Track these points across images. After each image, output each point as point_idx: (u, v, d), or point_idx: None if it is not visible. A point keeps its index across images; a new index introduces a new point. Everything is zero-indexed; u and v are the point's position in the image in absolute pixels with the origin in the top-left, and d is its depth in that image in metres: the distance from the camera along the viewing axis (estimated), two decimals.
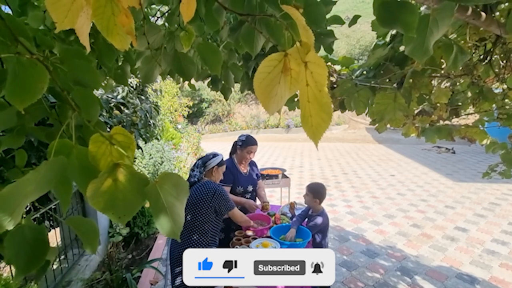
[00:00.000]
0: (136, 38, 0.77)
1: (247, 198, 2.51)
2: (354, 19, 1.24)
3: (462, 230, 4.10)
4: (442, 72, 1.55)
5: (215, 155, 2.03)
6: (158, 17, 1.45)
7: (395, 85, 1.07)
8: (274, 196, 5.59)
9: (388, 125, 1.69)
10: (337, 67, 1.56)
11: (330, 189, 6.22)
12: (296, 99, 1.79)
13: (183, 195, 0.44)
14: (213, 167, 1.97)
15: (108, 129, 2.05)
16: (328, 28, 1.02)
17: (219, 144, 14.14)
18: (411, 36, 0.46)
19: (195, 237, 1.81)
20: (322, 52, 1.43)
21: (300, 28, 0.37)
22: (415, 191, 5.99)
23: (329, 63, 1.54)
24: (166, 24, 1.17)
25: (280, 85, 0.43)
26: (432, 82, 1.20)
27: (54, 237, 3.04)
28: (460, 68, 1.14)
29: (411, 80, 1.06)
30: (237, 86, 1.91)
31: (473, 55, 1.15)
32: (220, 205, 1.83)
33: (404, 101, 1.06)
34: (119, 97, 2.48)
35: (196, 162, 2.00)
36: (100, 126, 0.76)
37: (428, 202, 5.32)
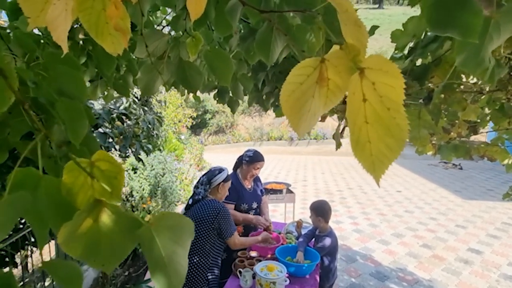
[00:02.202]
0: (137, 44, 0.69)
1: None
2: (372, 30, 1.17)
3: (476, 252, 3.89)
4: (462, 86, 1.46)
5: (220, 170, 1.91)
6: (164, 26, 1.39)
7: (421, 100, 0.98)
8: (278, 211, 5.43)
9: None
10: None
11: (335, 204, 6.04)
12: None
13: (186, 239, 0.34)
14: (219, 184, 1.85)
15: (110, 140, 1.93)
16: None
17: (222, 156, 14.04)
18: (472, 42, 0.37)
19: (195, 260, 1.68)
20: None
21: (348, 24, 0.27)
22: (423, 209, 5.79)
23: None
24: (172, 32, 1.10)
25: (314, 99, 0.33)
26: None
27: (49, 251, 2.91)
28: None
29: (442, 95, 0.97)
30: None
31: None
32: (222, 227, 1.71)
33: (430, 118, 0.96)
34: (121, 107, 2.41)
35: (200, 179, 1.88)
36: (90, 142, 0.67)
37: (438, 221, 5.11)
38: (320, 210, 2.16)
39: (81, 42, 0.81)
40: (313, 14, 0.48)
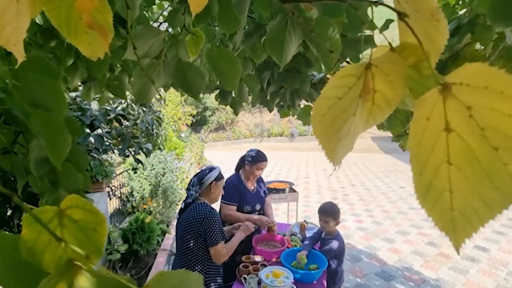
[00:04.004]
0: (128, 44, 0.61)
1: None
2: (386, 24, 1.08)
3: (482, 250, 3.83)
4: None
5: (211, 169, 1.80)
6: (160, 22, 1.30)
7: None
8: (280, 209, 5.37)
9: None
10: None
11: (338, 202, 5.98)
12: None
13: None
14: (211, 183, 1.74)
15: (108, 142, 1.84)
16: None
17: (223, 154, 13.99)
18: None
19: (197, 268, 1.61)
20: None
21: (417, 17, 0.19)
22: None
23: None
24: (170, 29, 1.02)
25: (355, 118, 0.25)
26: None
27: None
28: None
29: None
30: None
31: None
32: (207, 234, 1.59)
33: None
34: (119, 108, 2.33)
35: (191, 180, 1.79)
36: (77, 156, 0.59)
37: None
38: (334, 212, 2.08)
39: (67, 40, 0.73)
40: (339, 6, 0.40)
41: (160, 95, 0.56)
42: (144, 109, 2.58)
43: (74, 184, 0.59)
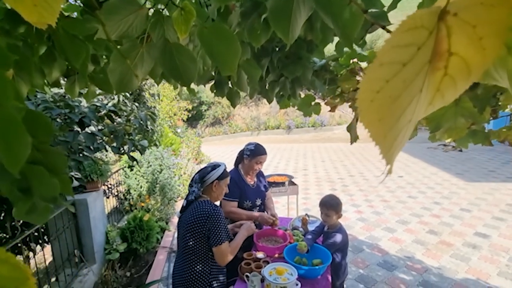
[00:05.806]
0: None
1: None
2: (394, 3, 0.99)
3: (483, 236, 3.84)
4: None
5: (214, 166, 1.71)
6: (149, 8, 1.19)
7: None
8: (280, 202, 5.33)
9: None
10: (364, 65, 1.31)
11: (337, 193, 5.96)
12: (313, 103, 1.52)
13: None
14: (212, 182, 1.66)
15: (101, 140, 1.73)
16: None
17: (220, 148, 13.91)
18: None
19: (199, 268, 1.54)
20: (330, 47, 1.18)
21: None
22: (426, 193, 5.73)
23: (355, 60, 1.28)
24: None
25: (421, 96, 0.17)
26: None
27: (43, 257, 2.78)
28: None
29: None
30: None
31: None
32: (211, 233, 1.52)
33: (471, 104, 0.80)
34: (110, 104, 2.22)
35: (193, 177, 1.70)
36: (53, 159, 0.50)
37: (442, 205, 5.05)
38: (335, 205, 2.02)
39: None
40: None
41: (138, 78, 0.47)
42: (137, 104, 2.47)
43: (49, 190, 0.51)
